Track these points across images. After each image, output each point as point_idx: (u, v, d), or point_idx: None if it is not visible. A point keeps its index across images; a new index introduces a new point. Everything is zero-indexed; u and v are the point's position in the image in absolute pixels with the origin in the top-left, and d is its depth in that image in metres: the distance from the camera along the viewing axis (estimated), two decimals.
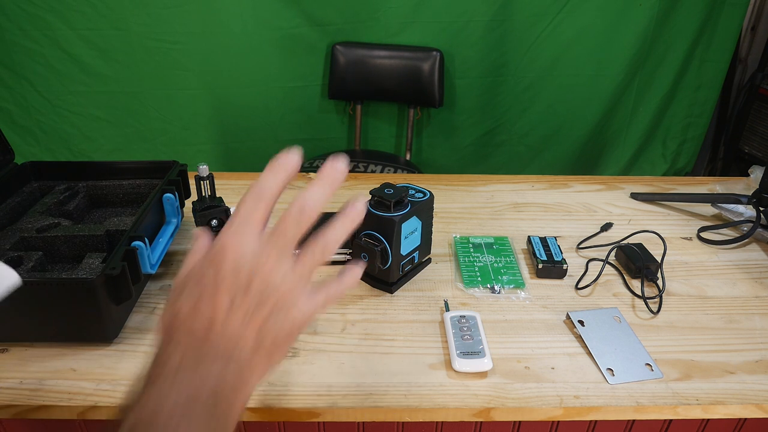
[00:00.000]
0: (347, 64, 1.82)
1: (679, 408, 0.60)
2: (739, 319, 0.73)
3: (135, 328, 0.69)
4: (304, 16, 1.76)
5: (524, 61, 1.86)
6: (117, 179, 0.89)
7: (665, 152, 2.10)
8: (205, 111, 1.86)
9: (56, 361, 0.63)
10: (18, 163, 0.87)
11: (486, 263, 0.82)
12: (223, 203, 0.79)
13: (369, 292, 0.76)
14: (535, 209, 0.99)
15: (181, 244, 0.86)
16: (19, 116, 1.80)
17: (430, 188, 0.77)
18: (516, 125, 1.99)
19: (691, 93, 1.98)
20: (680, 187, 1.07)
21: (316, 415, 0.59)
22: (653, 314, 0.73)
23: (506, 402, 0.59)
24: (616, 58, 1.86)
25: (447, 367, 0.64)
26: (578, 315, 0.71)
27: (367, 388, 0.61)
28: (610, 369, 0.63)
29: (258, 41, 1.76)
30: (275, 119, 1.91)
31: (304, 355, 0.65)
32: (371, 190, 0.72)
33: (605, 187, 1.07)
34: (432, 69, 1.80)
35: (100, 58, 1.73)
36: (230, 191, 1.02)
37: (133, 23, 1.68)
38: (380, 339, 0.68)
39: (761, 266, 0.84)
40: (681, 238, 0.91)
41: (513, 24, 1.80)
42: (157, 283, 0.77)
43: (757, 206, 0.89)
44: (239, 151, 1.96)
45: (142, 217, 0.73)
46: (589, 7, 1.78)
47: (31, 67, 1.72)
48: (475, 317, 0.69)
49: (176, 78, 1.78)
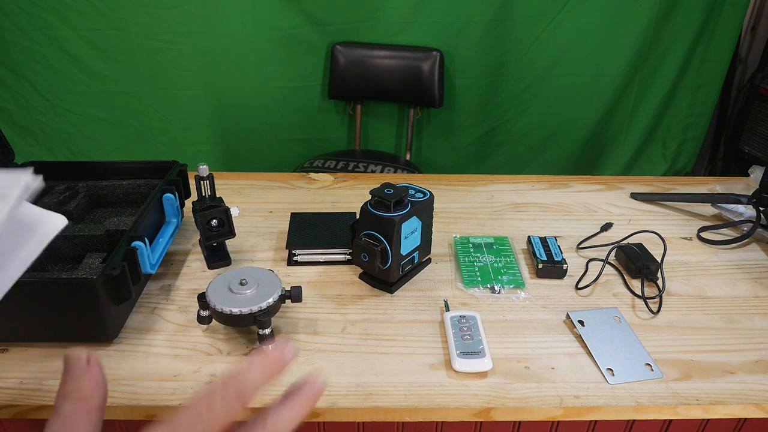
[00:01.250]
0: (347, 64, 1.82)
1: (679, 408, 0.60)
2: (739, 319, 0.73)
3: (135, 328, 0.69)
4: (304, 16, 1.76)
5: (524, 61, 1.86)
6: (117, 179, 0.89)
7: (665, 152, 2.10)
8: (205, 111, 1.86)
9: (56, 361, 0.63)
10: (18, 163, 0.87)
11: (486, 263, 0.82)
12: (223, 203, 0.79)
13: (369, 292, 0.76)
14: (535, 209, 0.99)
15: (181, 244, 0.86)
16: (19, 116, 1.80)
17: (430, 188, 0.77)
18: (516, 125, 1.99)
19: (691, 93, 1.98)
20: (680, 187, 1.07)
21: (316, 415, 0.59)
22: (653, 314, 0.73)
23: (506, 402, 0.59)
24: (616, 58, 1.87)
25: (447, 367, 0.64)
26: (578, 315, 0.71)
27: (367, 388, 0.61)
28: (610, 369, 0.63)
29: (258, 41, 1.76)
30: (275, 119, 1.91)
31: (304, 355, 0.65)
32: (371, 190, 0.72)
33: (605, 187, 1.07)
34: (432, 69, 1.80)
35: (100, 58, 1.73)
36: (230, 191, 1.02)
37: (133, 23, 1.68)
38: (380, 339, 0.68)
39: (761, 266, 0.84)
40: (681, 238, 0.91)
41: (513, 24, 1.80)
42: (157, 283, 0.77)
43: (757, 206, 0.89)
44: (239, 151, 1.96)
45: (142, 217, 0.73)
46: (589, 7, 1.78)
47: (31, 67, 1.72)
48: (475, 317, 0.69)
49: (176, 78, 1.78)
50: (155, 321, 0.70)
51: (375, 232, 0.71)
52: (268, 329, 0.64)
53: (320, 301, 0.74)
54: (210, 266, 0.81)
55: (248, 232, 0.89)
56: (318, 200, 1.00)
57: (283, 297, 0.66)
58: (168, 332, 0.68)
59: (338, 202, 1.00)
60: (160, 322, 0.70)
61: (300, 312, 0.72)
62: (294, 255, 0.82)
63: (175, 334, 0.68)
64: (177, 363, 0.64)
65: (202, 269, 0.80)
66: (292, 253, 0.82)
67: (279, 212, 0.95)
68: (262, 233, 0.89)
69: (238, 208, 0.95)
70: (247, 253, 0.84)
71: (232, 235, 0.80)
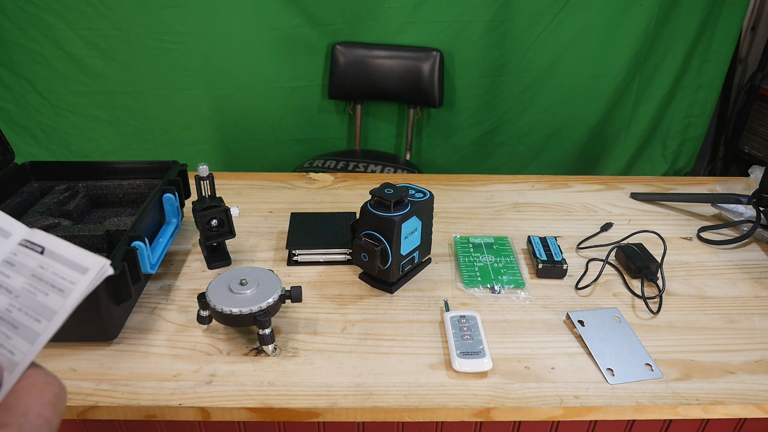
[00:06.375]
0: (347, 64, 1.81)
1: (679, 408, 0.60)
2: (739, 319, 0.73)
3: (135, 328, 0.69)
4: (304, 16, 1.75)
5: (524, 61, 1.86)
6: (117, 179, 0.89)
7: (665, 152, 2.09)
8: (205, 111, 1.86)
9: (56, 361, 0.63)
10: (18, 163, 0.87)
11: (486, 263, 0.82)
12: (223, 203, 0.79)
13: (369, 292, 0.76)
14: (535, 209, 0.99)
15: (181, 244, 0.86)
16: (19, 116, 1.80)
17: (430, 188, 0.77)
18: (516, 125, 1.99)
19: (691, 93, 1.98)
20: (680, 187, 1.07)
21: (316, 415, 0.59)
22: (653, 314, 0.73)
23: (506, 402, 0.59)
24: (616, 58, 1.86)
25: (447, 367, 0.63)
26: (578, 315, 0.71)
27: (367, 388, 0.61)
28: (610, 369, 0.63)
29: (258, 41, 1.76)
30: (275, 119, 1.91)
31: (304, 355, 0.65)
32: (371, 190, 0.72)
33: (605, 187, 1.07)
34: (432, 69, 1.80)
35: (100, 58, 1.73)
36: (230, 191, 1.02)
37: (133, 23, 1.68)
38: (380, 339, 0.68)
39: (761, 266, 0.84)
40: (681, 238, 0.91)
41: (513, 24, 1.80)
42: (157, 283, 0.77)
43: (757, 206, 0.89)
44: (239, 151, 1.96)
45: (142, 217, 0.73)
46: (589, 7, 1.78)
47: (31, 67, 1.72)
48: (475, 317, 0.69)
49: (176, 78, 1.78)
50: (155, 321, 0.70)
51: (375, 232, 0.71)
52: (268, 329, 0.64)
53: (320, 301, 0.74)
54: (210, 266, 0.81)
55: (248, 232, 0.89)
56: (318, 200, 1.00)
57: (283, 297, 0.66)
58: (168, 332, 0.68)
59: (338, 202, 1.00)
60: (160, 322, 0.70)
61: (300, 312, 0.72)
62: (294, 255, 0.82)
63: (175, 334, 0.68)
64: (177, 363, 0.64)
65: (202, 269, 0.80)
66: (292, 253, 0.82)
67: (279, 212, 0.95)
68: (262, 233, 0.89)
69: (238, 208, 0.95)
70: (247, 253, 0.84)
71: (232, 235, 0.80)
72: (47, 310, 0.33)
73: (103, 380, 0.61)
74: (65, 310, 0.33)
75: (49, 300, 0.34)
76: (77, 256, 0.34)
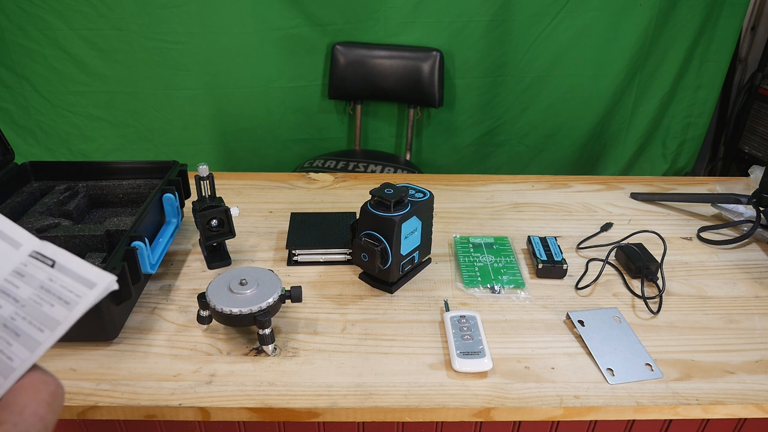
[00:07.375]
0: (347, 64, 1.81)
1: (679, 408, 0.60)
2: (739, 319, 0.73)
3: (135, 328, 0.69)
4: (304, 16, 1.75)
5: (524, 61, 1.86)
6: (117, 179, 0.89)
7: (665, 152, 2.09)
8: (205, 111, 1.86)
9: (56, 361, 0.63)
10: (18, 163, 0.87)
11: (486, 263, 0.82)
12: (223, 203, 0.79)
13: (369, 292, 0.76)
14: (535, 209, 0.99)
15: (181, 244, 0.86)
16: (19, 116, 1.80)
17: (430, 188, 0.77)
18: (516, 125, 1.99)
19: (691, 93, 1.98)
20: (680, 187, 1.07)
21: (316, 415, 0.59)
22: (653, 314, 0.73)
23: (506, 402, 0.59)
24: (616, 58, 1.86)
25: (447, 367, 0.63)
26: (578, 315, 0.71)
27: (367, 388, 0.61)
28: (610, 369, 0.63)
29: (258, 41, 1.76)
30: (275, 119, 1.91)
31: (304, 355, 0.65)
32: (371, 190, 0.72)
33: (605, 187, 1.07)
34: (432, 69, 1.80)
35: (100, 58, 1.73)
36: (230, 191, 1.02)
37: (133, 23, 1.68)
38: (380, 339, 0.68)
39: (761, 266, 0.84)
40: (681, 238, 0.91)
41: (513, 24, 1.80)
42: (157, 283, 0.77)
43: (757, 206, 0.89)
44: (239, 151, 1.96)
45: (141, 217, 0.73)
46: (589, 7, 1.78)
47: (31, 67, 1.72)
48: (475, 317, 0.69)
49: (176, 78, 1.78)
50: (155, 321, 0.70)
51: (375, 232, 0.71)
52: (268, 329, 0.64)
53: (320, 301, 0.74)
54: (210, 266, 0.81)
55: (248, 232, 0.89)
56: (318, 200, 1.00)
57: (283, 297, 0.66)
58: (168, 332, 0.68)
59: (338, 202, 1.00)
60: (160, 322, 0.70)
61: (300, 312, 0.72)
62: (294, 255, 0.82)
63: (175, 334, 0.68)
64: (177, 363, 0.64)
65: (202, 269, 0.80)
66: (292, 253, 0.82)
67: (279, 212, 0.95)
68: (262, 233, 0.89)
69: (238, 208, 0.94)
70: (247, 253, 0.84)
71: (232, 235, 0.80)
72: (51, 321, 0.34)
73: (103, 380, 0.61)
74: (68, 321, 0.34)
75: (54, 311, 0.34)
76: (86, 271, 0.35)
